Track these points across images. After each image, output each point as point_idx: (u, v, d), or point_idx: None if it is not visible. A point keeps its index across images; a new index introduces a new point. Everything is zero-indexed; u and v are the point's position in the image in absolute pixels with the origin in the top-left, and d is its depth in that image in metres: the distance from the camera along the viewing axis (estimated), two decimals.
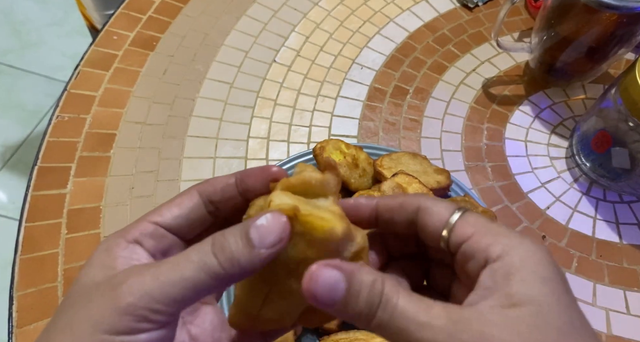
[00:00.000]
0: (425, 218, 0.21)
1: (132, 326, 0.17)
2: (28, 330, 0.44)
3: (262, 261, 0.19)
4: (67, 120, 0.57)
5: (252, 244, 0.19)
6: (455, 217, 0.21)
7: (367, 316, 0.18)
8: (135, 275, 0.18)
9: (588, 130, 0.56)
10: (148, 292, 0.18)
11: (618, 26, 0.52)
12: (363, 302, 0.18)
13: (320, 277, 0.18)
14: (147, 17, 0.67)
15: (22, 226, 0.50)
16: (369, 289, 0.18)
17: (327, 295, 0.18)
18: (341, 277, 0.18)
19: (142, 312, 0.18)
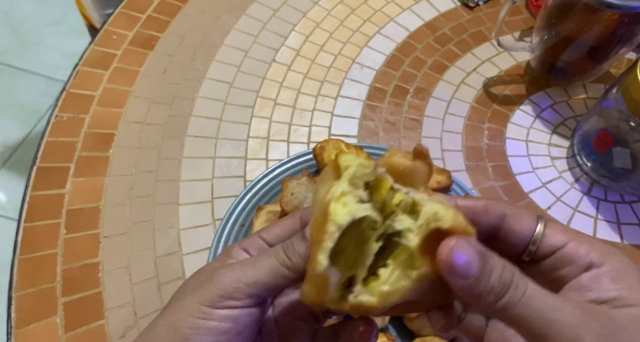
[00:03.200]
0: (515, 224, 0.23)
1: (217, 300, 0.22)
2: (27, 330, 0.44)
3: None
4: (66, 120, 0.57)
5: (305, 237, 0.23)
6: (541, 225, 0.23)
7: (497, 293, 0.19)
8: (228, 265, 0.24)
9: (589, 130, 0.56)
10: (234, 274, 0.23)
11: (619, 25, 0.52)
12: (495, 280, 0.19)
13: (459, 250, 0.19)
14: (146, 16, 0.67)
15: (21, 226, 0.49)
16: (502, 269, 0.20)
17: (464, 267, 0.19)
18: (477, 254, 0.19)
19: (227, 288, 0.22)
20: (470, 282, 0.19)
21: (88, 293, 0.46)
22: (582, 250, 0.21)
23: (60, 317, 0.45)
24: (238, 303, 0.22)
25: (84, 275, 0.47)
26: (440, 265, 0.19)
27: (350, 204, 0.20)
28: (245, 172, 0.55)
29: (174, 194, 0.53)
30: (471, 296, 0.20)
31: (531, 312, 0.19)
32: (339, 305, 0.21)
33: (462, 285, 0.19)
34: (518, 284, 0.20)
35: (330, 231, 0.19)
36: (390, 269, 0.20)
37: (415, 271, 0.20)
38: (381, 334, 0.43)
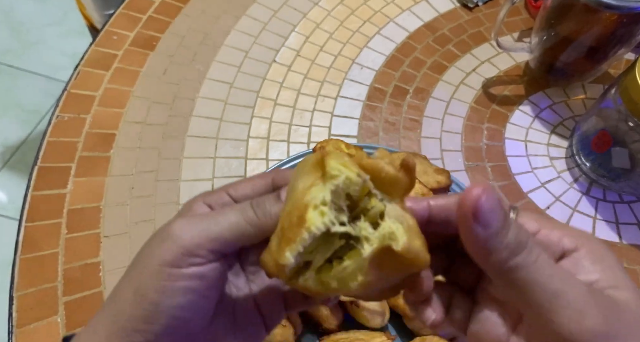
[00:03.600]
0: None
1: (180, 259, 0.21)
2: (28, 330, 0.44)
3: None
4: (67, 120, 0.57)
5: (280, 199, 0.22)
6: (512, 214, 0.22)
7: (512, 251, 0.19)
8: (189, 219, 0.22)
9: (588, 130, 0.56)
10: (196, 230, 0.22)
11: (618, 26, 0.52)
12: (512, 237, 0.19)
13: (489, 201, 0.19)
14: (147, 17, 0.67)
15: (22, 226, 0.49)
16: (519, 229, 0.20)
17: (488, 215, 0.19)
18: (501, 207, 0.19)
19: (189, 246, 0.21)
20: (489, 234, 0.19)
21: (89, 293, 0.47)
22: (554, 236, 0.21)
23: (61, 317, 0.45)
24: (202, 260, 0.21)
25: (85, 275, 0.47)
26: (464, 209, 0.19)
27: (328, 215, 0.20)
28: (246, 172, 0.56)
29: (175, 194, 0.53)
30: (485, 250, 0.19)
31: (541, 278, 0.19)
32: (290, 282, 0.21)
33: (480, 235, 0.19)
34: (532, 248, 0.19)
35: (302, 237, 0.20)
36: (343, 265, 0.21)
37: (362, 276, 0.20)
38: (380, 334, 0.43)
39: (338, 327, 0.44)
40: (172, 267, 0.21)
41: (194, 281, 0.21)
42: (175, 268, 0.21)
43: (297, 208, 0.20)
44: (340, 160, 0.21)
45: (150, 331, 0.21)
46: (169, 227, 0.22)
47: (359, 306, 0.43)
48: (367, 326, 0.44)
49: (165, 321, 0.21)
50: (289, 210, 0.21)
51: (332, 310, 0.44)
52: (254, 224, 0.22)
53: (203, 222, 0.22)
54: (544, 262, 0.19)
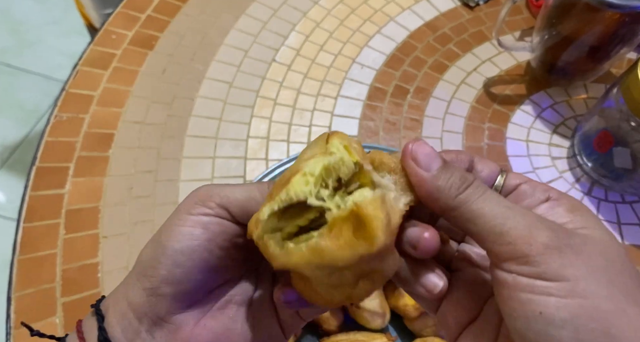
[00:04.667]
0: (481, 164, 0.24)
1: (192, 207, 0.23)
2: (26, 331, 0.44)
3: None
4: (66, 120, 0.57)
5: None
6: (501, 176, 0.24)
7: (458, 187, 0.20)
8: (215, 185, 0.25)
9: (590, 130, 0.55)
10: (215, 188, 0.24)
11: (620, 25, 0.51)
12: (457, 177, 0.21)
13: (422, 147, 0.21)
14: (146, 16, 0.67)
15: (20, 227, 0.49)
16: (463, 172, 0.21)
17: (426, 160, 0.21)
18: (437, 154, 0.21)
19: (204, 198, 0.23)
20: (432, 174, 0.21)
21: (87, 293, 0.46)
22: (541, 187, 0.22)
23: (60, 318, 0.45)
24: (209, 211, 0.23)
25: (84, 275, 0.47)
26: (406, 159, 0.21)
27: (310, 185, 0.20)
28: (245, 172, 0.55)
29: (174, 194, 0.53)
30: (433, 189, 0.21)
31: (490, 207, 0.20)
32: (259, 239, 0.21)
33: (425, 176, 0.21)
34: (479, 185, 0.21)
35: (280, 197, 0.20)
36: (308, 235, 0.20)
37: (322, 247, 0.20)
38: (381, 335, 0.42)
39: (338, 329, 0.43)
40: (184, 213, 0.23)
41: (197, 228, 0.23)
42: (185, 214, 0.23)
43: (290, 171, 0.21)
44: (343, 141, 0.21)
45: (155, 275, 0.22)
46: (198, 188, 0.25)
47: (359, 307, 0.43)
48: (367, 327, 0.44)
49: (169, 265, 0.22)
50: (286, 172, 0.21)
51: (332, 311, 0.44)
52: (263, 192, 0.23)
53: (224, 186, 0.24)
54: (490, 196, 0.20)
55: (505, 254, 0.19)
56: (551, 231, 0.19)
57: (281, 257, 0.20)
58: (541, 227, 0.19)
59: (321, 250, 0.19)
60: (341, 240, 0.19)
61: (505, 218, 0.19)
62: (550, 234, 0.19)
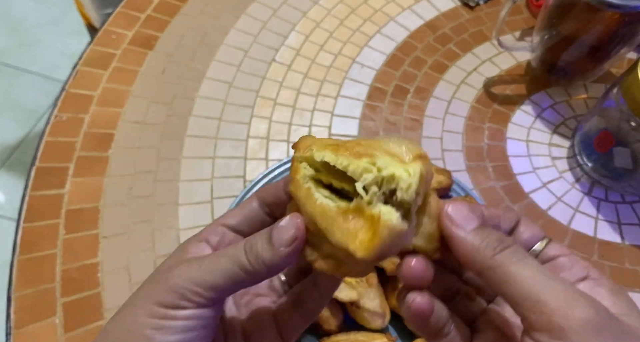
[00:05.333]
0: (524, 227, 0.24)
1: (175, 302, 0.21)
2: (26, 331, 0.44)
3: (284, 258, 0.22)
4: (66, 120, 0.57)
5: (272, 242, 0.22)
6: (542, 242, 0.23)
7: (495, 248, 0.20)
8: (185, 263, 0.23)
9: (590, 130, 0.55)
10: (191, 276, 0.22)
11: (620, 25, 0.51)
12: (494, 237, 0.21)
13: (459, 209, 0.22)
14: (145, 16, 0.67)
15: (20, 227, 0.49)
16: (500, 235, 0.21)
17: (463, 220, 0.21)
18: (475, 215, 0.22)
19: (184, 291, 0.21)
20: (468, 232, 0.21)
21: (87, 294, 0.46)
22: (581, 263, 0.22)
23: (60, 318, 0.45)
24: (197, 305, 0.22)
25: (83, 275, 0.47)
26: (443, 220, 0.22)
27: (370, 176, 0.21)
28: (245, 172, 0.55)
29: (174, 194, 0.53)
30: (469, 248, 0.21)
31: (529, 272, 0.19)
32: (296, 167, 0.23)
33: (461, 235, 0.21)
34: (518, 249, 0.20)
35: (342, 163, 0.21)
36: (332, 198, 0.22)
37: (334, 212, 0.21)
38: (381, 335, 0.42)
39: (338, 329, 0.43)
40: (167, 308, 0.21)
41: (192, 321, 0.22)
42: (170, 309, 0.21)
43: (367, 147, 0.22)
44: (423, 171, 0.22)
45: None
46: (166, 272, 0.22)
47: (359, 307, 0.43)
48: (367, 327, 0.44)
49: None
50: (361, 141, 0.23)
51: (332, 311, 0.44)
52: (248, 271, 0.22)
53: (199, 271, 0.22)
54: (531, 261, 0.20)
55: (539, 324, 0.18)
56: (593, 308, 0.18)
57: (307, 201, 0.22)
58: (583, 303, 0.18)
59: (328, 217, 0.21)
60: (346, 225, 0.20)
61: (545, 286, 0.19)
62: (591, 311, 0.18)
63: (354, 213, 0.21)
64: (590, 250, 0.52)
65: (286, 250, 0.22)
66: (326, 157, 0.22)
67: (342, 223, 0.21)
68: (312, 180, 0.23)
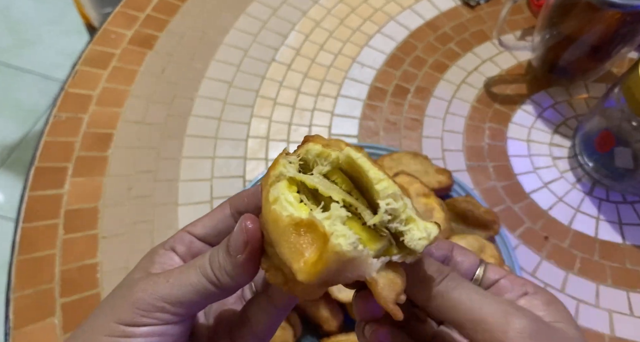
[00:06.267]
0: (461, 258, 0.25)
1: (135, 319, 0.20)
2: (25, 331, 0.43)
3: (242, 265, 0.21)
4: (65, 120, 0.56)
5: (229, 251, 0.21)
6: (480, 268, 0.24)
7: (434, 279, 0.21)
8: (151, 277, 0.21)
9: (591, 130, 0.55)
10: (157, 290, 0.21)
11: (621, 25, 0.51)
12: (434, 269, 0.21)
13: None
14: (145, 15, 0.67)
15: (19, 227, 0.49)
16: (438, 265, 0.22)
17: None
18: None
19: (147, 307, 0.20)
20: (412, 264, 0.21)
21: (86, 294, 0.46)
22: (519, 281, 0.23)
23: (59, 318, 0.45)
24: (162, 322, 0.21)
25: (83, 276, 0.47)
26: None
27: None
28: (245, 172, 0.55)
29: (173, 194, 0.53)
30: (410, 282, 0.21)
31: (467, 295, 0.20)
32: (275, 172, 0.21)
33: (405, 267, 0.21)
34: (455, 277, 0.21)
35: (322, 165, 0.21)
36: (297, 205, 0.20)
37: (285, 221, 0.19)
38: None
39: (338, 329, 0.43)
40: (126, 325, 0.20)
41: (152, 338, 0.21)
42: (129, 326, 0.20)
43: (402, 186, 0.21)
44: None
45: None
46: (130, 287, 0.21)
47: None
48: None
49: None
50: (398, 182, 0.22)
51: (332, 312, 0.43)
52: (215, 284, 0.21)
53: (165, 285, 0.21)
54: (467, 285, 0.21)
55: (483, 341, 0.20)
56: (526, 318, 0.19)
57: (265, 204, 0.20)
58: (517, 315, 0.20)
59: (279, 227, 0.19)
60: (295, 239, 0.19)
61: (482, 305, 0.20)
62: (524, 321, 0.19)
63: (307, 227, 0.18)
64: (591, 250, 0.52)
65: (241, 257, 0.21)
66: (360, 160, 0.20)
67: (293, 237, 0.18)
68: (289, 180, 0.20)
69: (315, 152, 0.21)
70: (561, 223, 0.54)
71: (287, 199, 0.19)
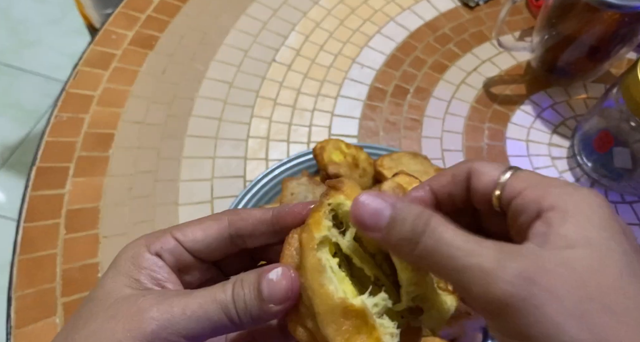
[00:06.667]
0: (475, 181, 0.21)
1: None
2: (26, 331, 0.44)
3: (273, 315, 0.20)
4: (66, 120, 0.57)
5: (262, 297, 0.20)
6: (506, 175, 0.20)
7: (410, 241, 0.18)
8: (163, 303, 0.20)
9: (590, 130, 0.55)
10: (173, 324, 0.19)
11: (620, 25, 0.52)
12: (408, 228, 0.18)
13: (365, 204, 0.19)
14: (146, 16, 0.67)
15: (21, 226, 0.49)
16: (414, 217, 0.19)
17: (373, 220, 0.19)
18: (385, 206, 0.19)
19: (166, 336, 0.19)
20: (384, 234, 0.19)
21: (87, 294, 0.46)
22: (534, 195, 0.19)
23: (60, 318, 0.45)
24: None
25: (84, 275, 0.47)
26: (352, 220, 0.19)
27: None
28: (245, 172, 0.55)
29: (174, 194, 0.53)
30: (390, 249, 0.20)
31: (444, 259, 0.17)
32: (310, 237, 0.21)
33: (379, 237, 0.19)
34: (433, 230, 0.18)
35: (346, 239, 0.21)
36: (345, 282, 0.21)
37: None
38: None
39: None
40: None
41: None
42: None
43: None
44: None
45: None
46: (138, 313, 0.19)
47: None
48: None
49: None
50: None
51: None
52: (234, 323, 0.20)
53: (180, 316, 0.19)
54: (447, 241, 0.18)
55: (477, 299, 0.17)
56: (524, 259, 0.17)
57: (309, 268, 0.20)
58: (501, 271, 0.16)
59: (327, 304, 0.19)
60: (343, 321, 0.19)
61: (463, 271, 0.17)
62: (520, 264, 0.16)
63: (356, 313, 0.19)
64: None
65: (276, 308, 0.20)
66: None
67: (340, 318, 0.19)
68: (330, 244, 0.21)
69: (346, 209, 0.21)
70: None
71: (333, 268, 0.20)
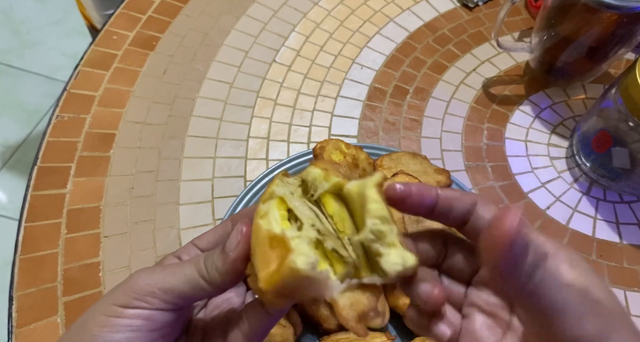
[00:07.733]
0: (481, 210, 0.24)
1: (128, 301, 0.23)
2: (28, 330, 0.44)
3: (232, 263, 0.23)
4: (67, 120, 0.57)
5: (224, 250, 0.24)
6: None
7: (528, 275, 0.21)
8: (151, 268, 0.24)
9: (588, 130, 0.56)
10: (152, 278, 0.23)
11: (618, 26, 0.52)
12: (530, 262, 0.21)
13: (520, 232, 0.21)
14: (146, 17, 0.67)
15: (22, 226, 0.49)
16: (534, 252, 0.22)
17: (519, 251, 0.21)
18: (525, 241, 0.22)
19: (142, 291, 0.23)
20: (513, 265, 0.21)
21: (89, 293, 0.47)
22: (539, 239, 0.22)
23: (61, 317, 0.45)
24: (151, 306, 0.23)
25: (85, 275, 0.47)
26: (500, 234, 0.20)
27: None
28: (246, 172, 0.56)
29: (174, 194, 0.53)
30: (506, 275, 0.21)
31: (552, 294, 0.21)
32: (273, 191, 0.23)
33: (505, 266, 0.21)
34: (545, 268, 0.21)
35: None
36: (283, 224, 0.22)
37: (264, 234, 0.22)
38: (380, 334, 0.43)
39: (338, 327, 0.44)
40: (120, 306, 0.23)
41: (138, 320, 0.23)
42: (122, 307, 0.23)
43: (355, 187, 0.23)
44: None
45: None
46: (132, 276, 0.24)
47: None
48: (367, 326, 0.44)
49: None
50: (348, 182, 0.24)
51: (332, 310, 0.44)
52: (205, 278, 0.23)
53: (161, 273, 0.24)
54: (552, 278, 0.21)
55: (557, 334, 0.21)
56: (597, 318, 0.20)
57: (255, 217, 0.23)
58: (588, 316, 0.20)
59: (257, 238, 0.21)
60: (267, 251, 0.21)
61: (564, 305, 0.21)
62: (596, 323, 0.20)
63: (279, 242, 0.20)
64: (588, 249, 0.52)
65: (232, 254, 0.23)
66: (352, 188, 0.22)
67: (266, 248, 0.21)
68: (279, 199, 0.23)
69: (313, 176, 0.23)
70: (559, 223, 0.54)
71: (274, 216, 0.22)
